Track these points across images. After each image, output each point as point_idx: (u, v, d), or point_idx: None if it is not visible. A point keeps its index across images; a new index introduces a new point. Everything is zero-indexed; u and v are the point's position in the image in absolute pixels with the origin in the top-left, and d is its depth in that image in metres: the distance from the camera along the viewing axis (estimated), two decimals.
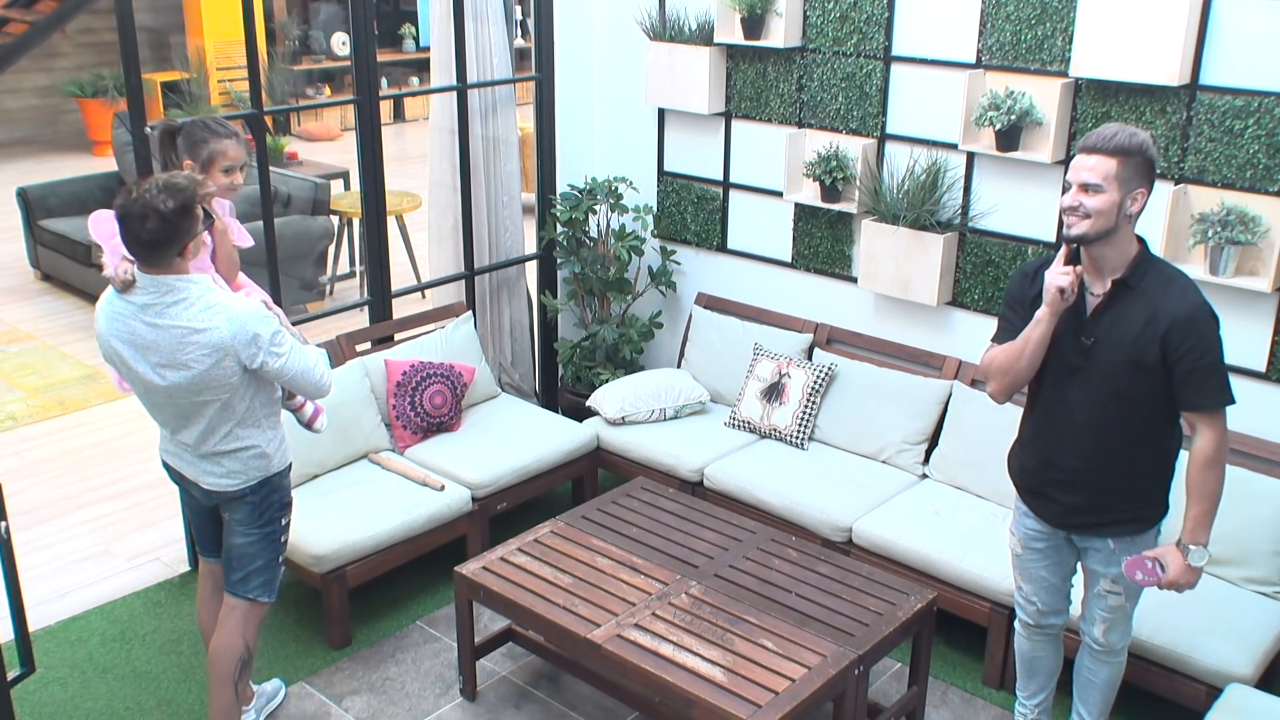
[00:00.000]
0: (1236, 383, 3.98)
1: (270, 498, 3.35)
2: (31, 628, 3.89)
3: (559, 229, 5.44)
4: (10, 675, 3.11)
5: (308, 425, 3.67)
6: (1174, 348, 2.93)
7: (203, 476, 3.28)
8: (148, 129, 3.51)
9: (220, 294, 3.09)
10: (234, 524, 3.36)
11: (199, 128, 3.38)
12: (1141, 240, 3.04)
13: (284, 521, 3.42)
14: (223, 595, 3.50)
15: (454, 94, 5.14)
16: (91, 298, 7.71)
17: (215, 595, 3.60)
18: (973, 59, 4.35)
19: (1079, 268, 3.05)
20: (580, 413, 5.32)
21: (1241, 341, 3.99)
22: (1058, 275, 3.02)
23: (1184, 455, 3.14)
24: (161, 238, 2.94)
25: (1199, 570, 3.07)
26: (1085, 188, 2.93)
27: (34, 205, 7.97)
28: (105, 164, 9.34)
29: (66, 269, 7.85)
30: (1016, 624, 3.55)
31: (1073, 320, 3.08)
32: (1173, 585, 3.07)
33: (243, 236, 3.57)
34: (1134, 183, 2.93)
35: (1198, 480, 3.02)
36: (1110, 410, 3.06)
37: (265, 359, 3.08)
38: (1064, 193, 3.00)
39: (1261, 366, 3.97)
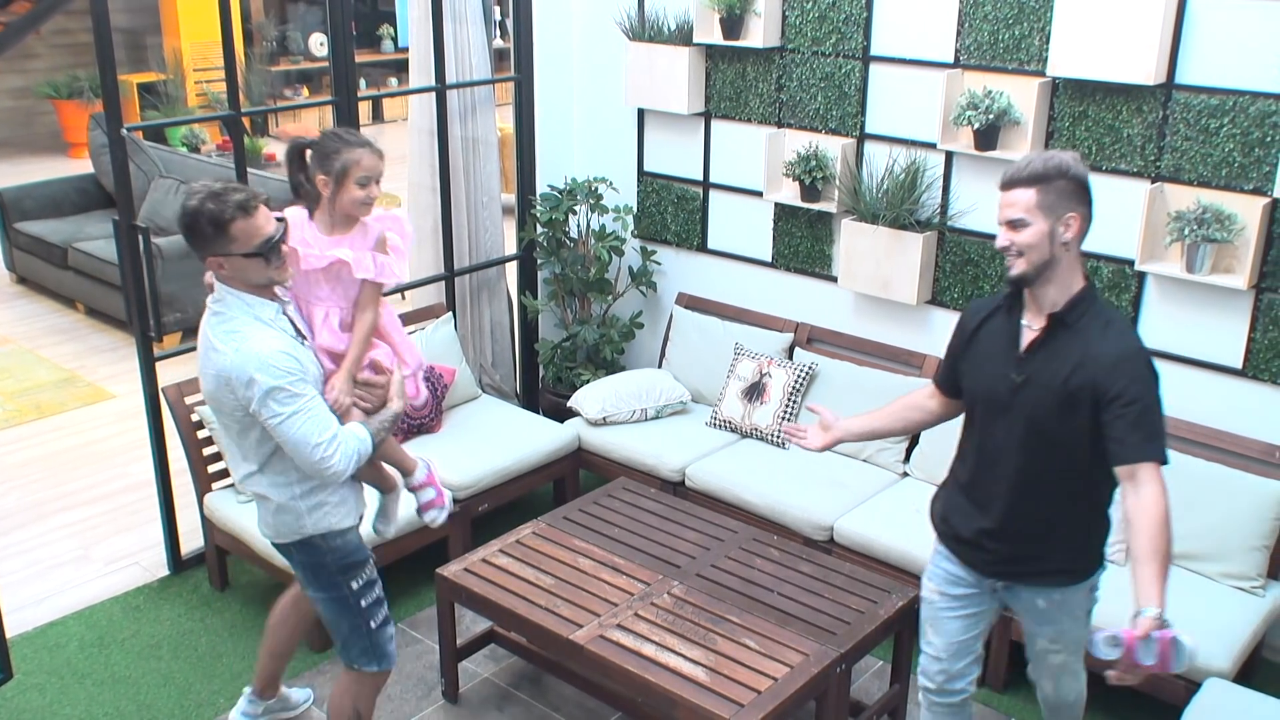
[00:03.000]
0: (1213, 379, 4.04)
1: (320, 560, 3.14)
2: (9, 633, 3.86)
3: (539, 230, 5.43)
4: None
5: (419, 511, 3.43)
6: (1104, 393, 2.71)
7: (257, 521, 3.21)
8: (288, 143, 3.29)
9: (253, 325, 2.91)
10: (300, 580, 3.28)
11: (329, 139, 3.16)
12: (1088, 278, 2.85)
13: (354, 585, 3.17)
14: (298, 597, 3.50)
15: (433, 95, 5.13)
16: (68, 301, 7.66)
17: (298, 602, 3.59)
18: (951, 59, 4.36)
19: (826, 440, 3.21)
20: (561, 413, 5.31)
21: (1218, 339, 4.02)
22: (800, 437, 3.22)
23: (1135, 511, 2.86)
24: (187, 238, 2.89)
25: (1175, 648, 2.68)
26: (1011, 224, 2.75)
27: (9, 208, 7.90)
28: (81, 166, 9.27)
29: (42, 272, 7.79)
30: (920, 694, 3.26)
31: (1006, 355, 2.88)
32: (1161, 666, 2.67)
33: (382, 270, 3.20)
34: (1060, 208, 2.73)
35: (1150, 539, 2.64)
36: (1039, 453, 2.84)
37: (259, 408, 2.87)
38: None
39: (1238, 363, 4.00)
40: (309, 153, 3.17)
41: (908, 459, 4.60)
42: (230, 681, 4.04)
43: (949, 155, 4.46)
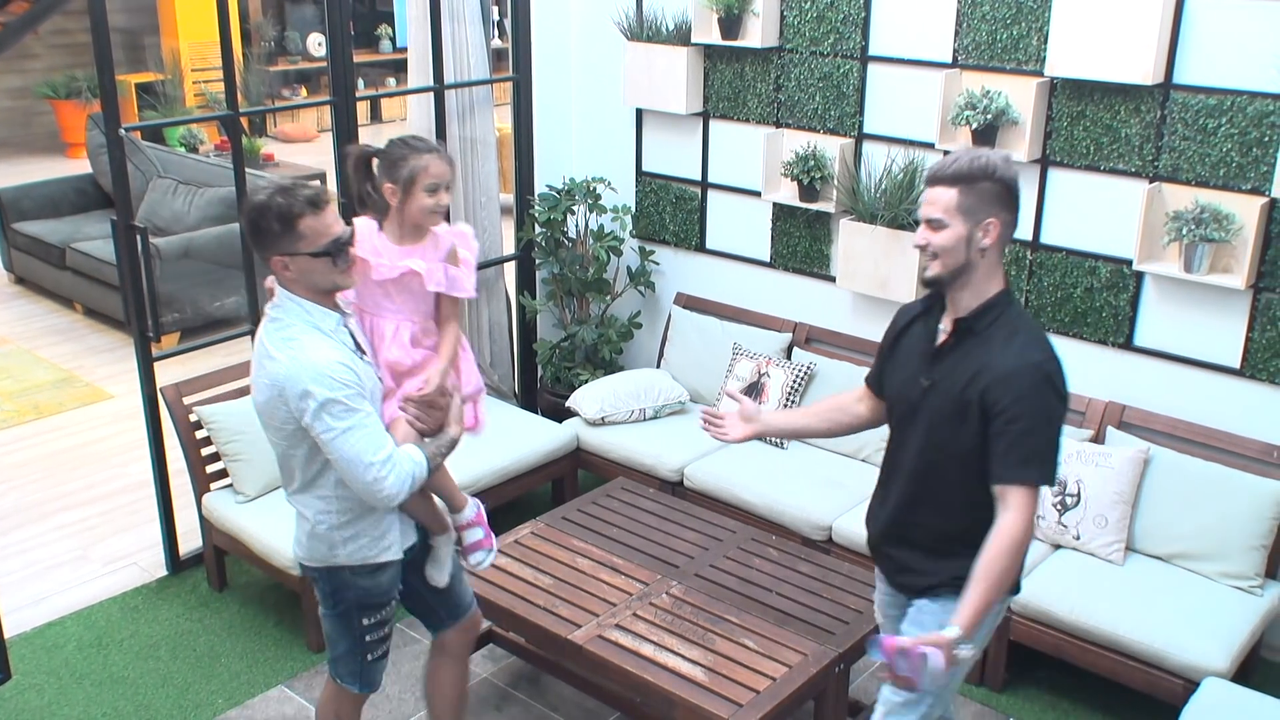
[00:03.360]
0: (1211, 379, 4.05)
1: (342, 594, 3.00)
2: (7, 634, 3.86)
3: (537, 230, 5.43)
4: None
5: (463, 551, 3.23)
6: (990, 405, 2.57)
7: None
8: (346, 151, 3.19)
9: (312, 335, 2.75)
10: (318, 597, 3.12)
11: (396, 146, 3.02)
12: (1006, 283, 2.70)
13: (365, 621, 3.04)
14: (444, 659, 3.35)
15: (431, 95, 5.13)
16: (66, 301, 7.66)
17: (439, 657, 3.38)
18: (949, 59, 4.37)
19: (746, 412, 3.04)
20: (560, 413, 5.31)
21: (1216, 338, 4.03)
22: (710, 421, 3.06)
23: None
24: (248, 230, 2.77)
25: (958, 665, 2.56)
26: (930, 223, 2.62)
27: (7, 208, 7.90)
28: (80, 166, 9.26)
29: (40, 272, 7.78)
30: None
31: (921, 358, 2.77)
32: (935, 680, 2.56)
33: (454, 283, 3.08)
34: (981, 212, 2.58)
35: (988, 561, 2.55)
36: (935, 461, 2.72)
37: (312, 422, 2.70)
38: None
39: (1236, 363, 4.01)
40: (375, 161, 3.06)
41: None
42: (229, 681, 4.04)
43: (946, 155, 4.46)
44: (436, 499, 3.17)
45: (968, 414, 2.61)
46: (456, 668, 3.37)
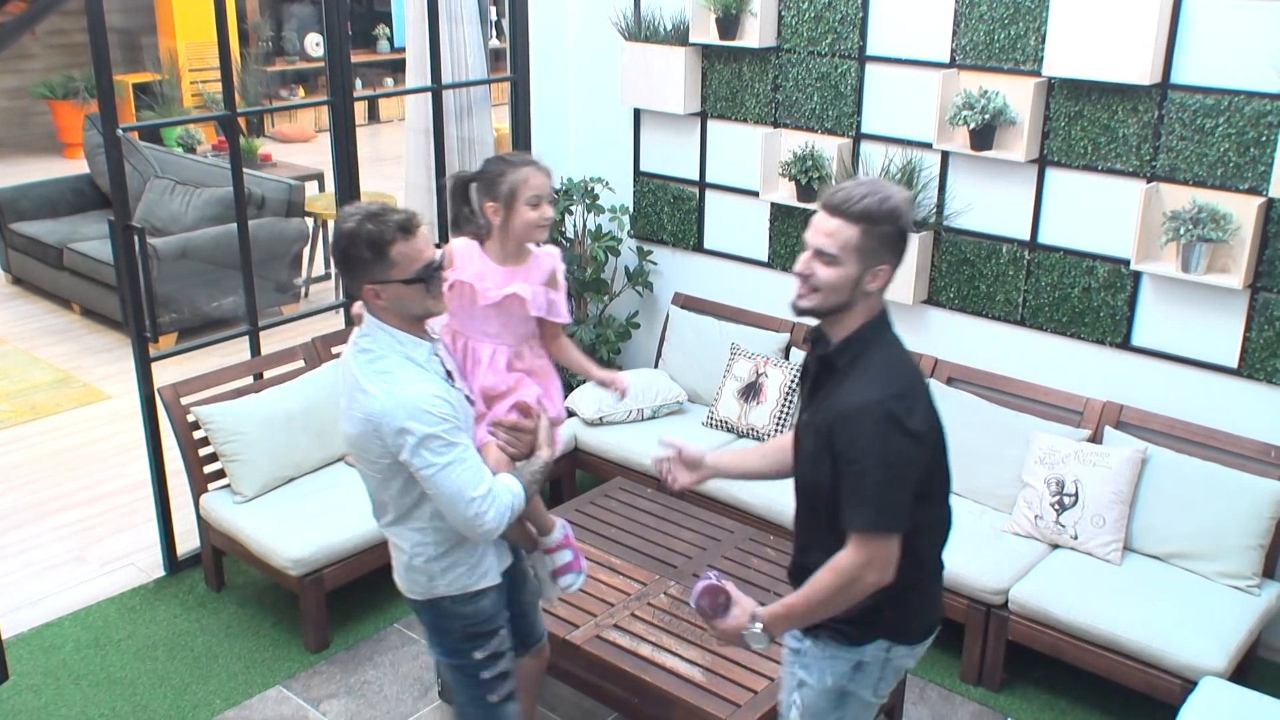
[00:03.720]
0: (1209, 379, 4.05)
1: (446, 625, 2.91)
2: (5, 635, 3.86)
3: None
4: None
5: (553, 574, 3.13)
6: (833, 446, 2.42)
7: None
8: (446, 180, 3.12)
9: (406, 367, 2.66)
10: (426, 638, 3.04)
11: (492, 164, 2.94)
12: (879, 313, 2.54)
13: (476, 655, 2.91)
14: (526, 692, 3.24)
15: (429, 95, 5.13)
16: (64, 301, 7.65)
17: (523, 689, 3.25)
18: (946, 59, 4.37)
19: (669, 456, 2.85)
20: None
21: (1213, 338, 4.03)
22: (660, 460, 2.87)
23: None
24: (338, 259, 2.67)
25: (741, 640, 2.55)
26: (820, 254, 2.44)
27: (5, 209, 7.88)
28: (77, 166, 9.26)
29: (38, 273, 7.77)
30: None
31: (804, 392, 2.64)
32: (720, 632, 2.57)
33: (555, 308, 3.01)
34: (877, 257, 2.43)
35: (814, 580, 2.46)
36: (811, 502, 2.58)
37: (410, 458, 2.62)
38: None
39: (1233, 363, 4.01)
40: (473, 185, 2.98)
41: None
42: (226, 682, 4.04)
43: (945, 155, 4.47)
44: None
45: (824, 454, 2.47)
46: (524, 698, 3.24)
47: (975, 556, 3.97)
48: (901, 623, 2.59)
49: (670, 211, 5.37)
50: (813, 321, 2.57)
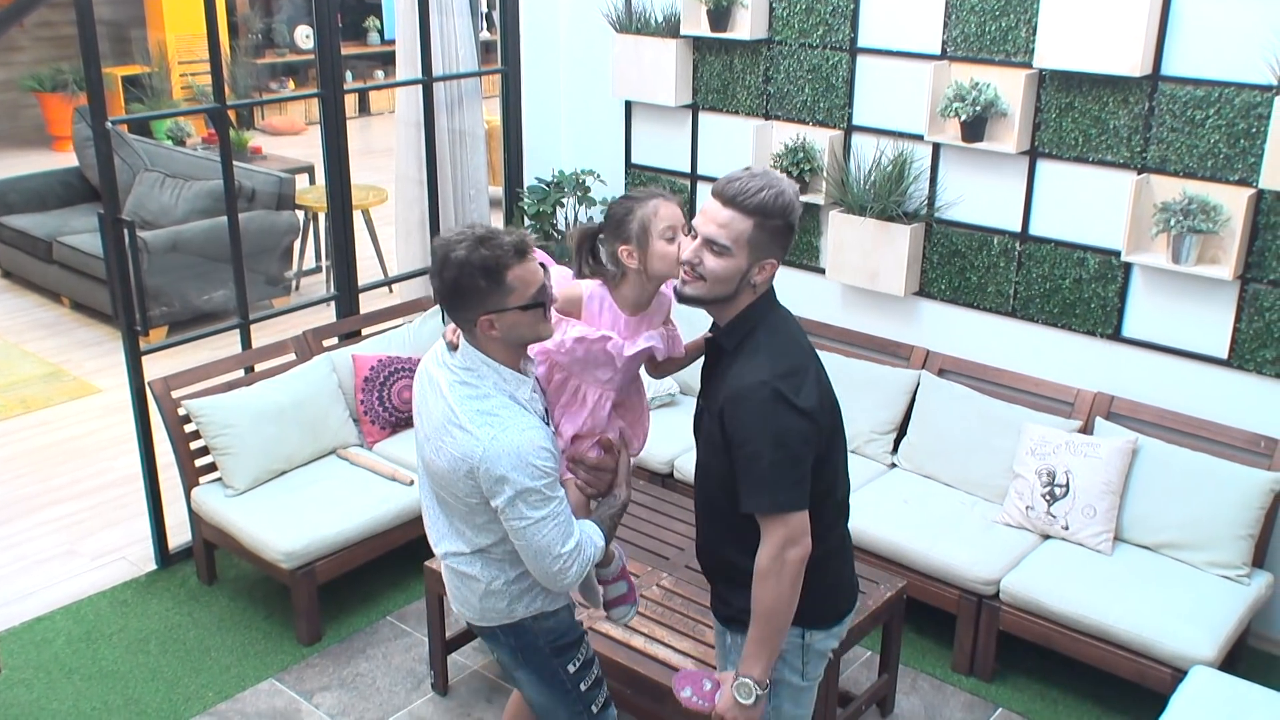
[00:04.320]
0: (1199, 369, 4.06)
1: (530, 642, 2.77)
2: None
3: (526, 222, 5.43)
4: None
5: (605, 605, 2.98)
6: (725, 428, 2.41)
7: (448, 588, 2.81)
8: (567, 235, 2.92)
9: (511, 409, 2.50)
10: (504, 665, 2.89)
11: (617, 205, 2.69)
12: (768, 291, 2.52)
13: (570, 668, 2.80)
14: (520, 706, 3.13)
15: (419, 87, 5.12)
16: (53, 295, 7.63)
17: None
18: (938, 50, 4.37)
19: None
20: None
21: (1204, 329, 4.04)
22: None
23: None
24: (448, 290, 2.45)
25: (750, 709, 2.51)
26: (710, 244, 2.41)
27: None
28: (66, 159, 9.22)
29: (27, 266, 7.74)
30: None
31: (704, 372, 2.61)
32: (721, 714, 2.56)
33: (674, 344, 2.81)
34: (766, 250, 2.41)
35: (753, 598, 2.45)
36: (710, 488, 2.57)
37: (505, 507, 2.48)
38: (689, 234, 2.51)
39: (1223, 354, 4.02)
40: (600, 236, 2.76)
41: (895, 450, 4.61)
42: (219, 675, 4.04)
43: (936, 147, 4.47)
44: None
45: (718, 438, 2.45)
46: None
47: (966, 547, 3.98)
48: (810, 610, 2.55)
49: None
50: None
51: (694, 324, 2.84)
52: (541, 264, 2.53)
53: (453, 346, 2.59)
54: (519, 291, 2.44)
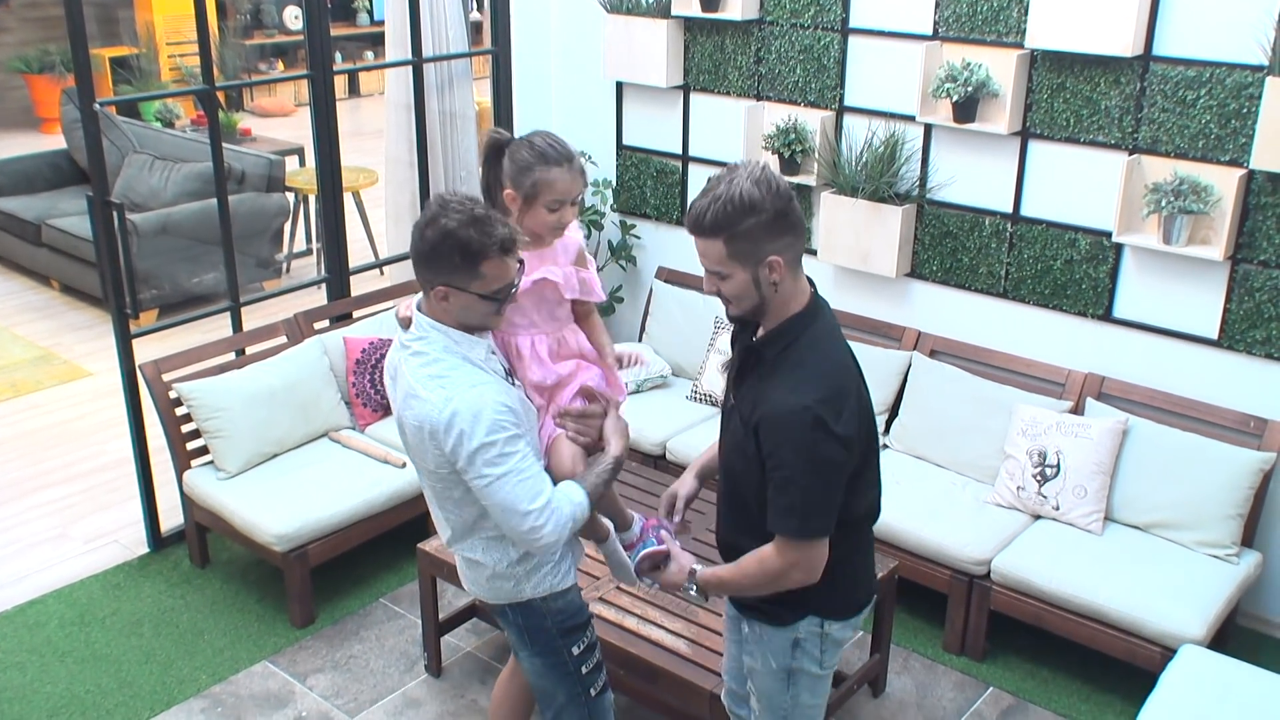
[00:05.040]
0: (1189, 350, 4.08)
1: (538, 623, 2.78)
2: None
3: None
4: None
5: (636, 571, 2.85)
6: (761, 445, 2.40)
7: (459, 571, 2.85)
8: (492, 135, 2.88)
9: (463, 369, 2.52)
10: (512, 643, 2.91)
11: (525, 148, 2.74)
12: (811, 297, 2.47)
13: (574, 650, 2.81)
14: (518, 679, 3.14)
15: (409, 69, 5.09)
16: (43, 278, 7.59)
17: (514, 675, 3.21)
18: (929, 31, 4.36)
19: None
20: None
21: (1194, 310, 4.05)
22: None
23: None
24: (425, 248, 2.47)
25: (679, 589, 2.66)
26: (711, 274, 2.43)
27: None
28: (54, 141, 9.16)
29: (16, 249, 7.70)
30: None
31: (732, 372, 2.59)
32: (665, 582, 2.70)
33: (590, 288, 2.87)
34: (758, 251, 2.35)
35: (748, 564, 2.50)
36: (736, 486, 2.57)
37: (465, 467, 2.49)
38: None
39: (1214, 334, 4.03)
40: (505, 156, 2.78)
41: (887, 431, 4.62)
42: (212, 658, 4.04)
43: (928, 128, 4.46)
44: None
45: (750, 448, 2.44)
46: (526, 692, 3.17)
47: (958, 527, 4.00)
48: (830, 601, 2.59)
49: (653, 185, 5.36)
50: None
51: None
52: (520, 260, 2.57)
53: (406, 323, 2.63)
54: (486, 281, 2.48)
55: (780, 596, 2.54)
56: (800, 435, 2.33)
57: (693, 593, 2.65)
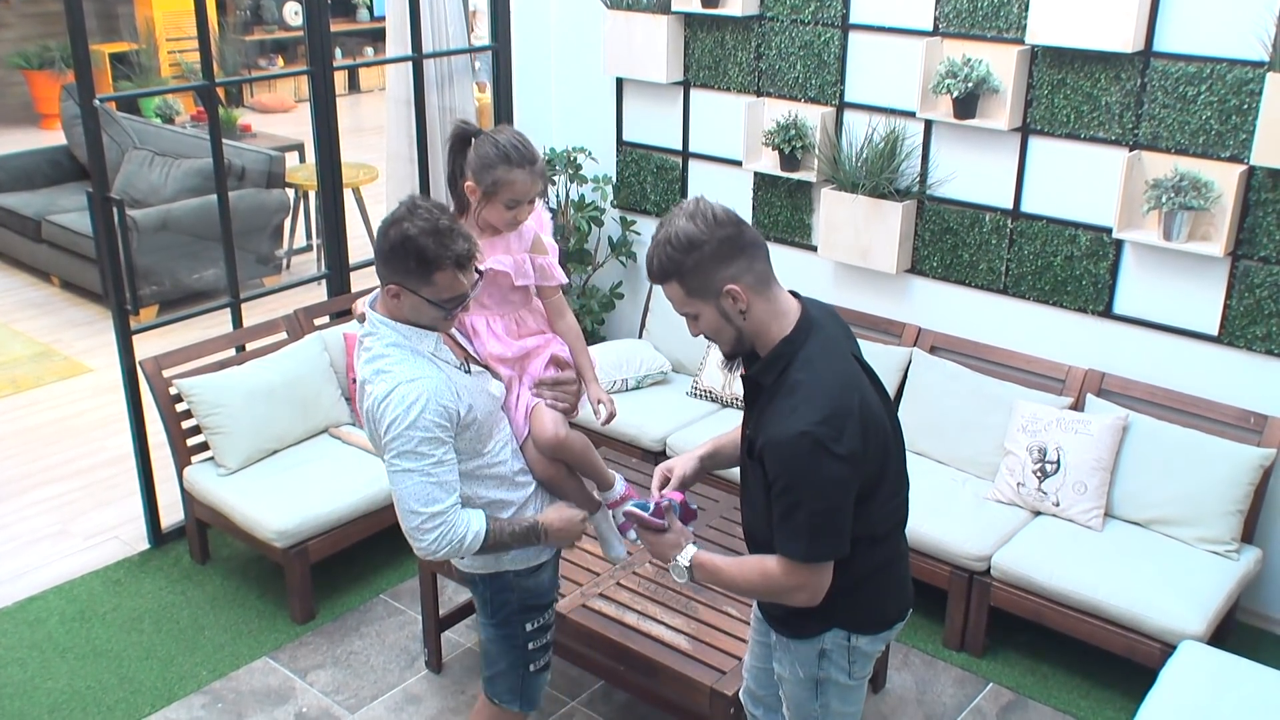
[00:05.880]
0: (1190, 346, 4.08)
1: (503, 595, 2.90)
2: None
3: None
4: None
5: (620, 529, 3.03)
6: (767, 470, 2.39)
7: None
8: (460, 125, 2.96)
9: (407, 360, 2.58)
10: (476, 608, 3.03)
11: (490, 145, 2.82)
12: (801, 316, 2.43)
13: (528, 626, 2.94)
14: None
15: (409, 64, 5.09)
16: (43, 274, 7.59)
17: None
18: (930, 27, 4.35)
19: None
20: None
21: (1194, 306, 4.05)
22: None
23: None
24: (384, 247, 2.55)
25: (667, 561, 2.62)
26: (685, 316, 2.45)
27: None
28: (54, 137, 9.16)
29: (16, 245, 7.70)
30: None
31: (745, 400, 2.58)
32: (651, 545, 2.64)
33: (546, 274, 2.96)
34: (713, 284, 2.34)
35: (750, 568, 2.49)
36: (755, 510, 2.56)
37: (384, 447, 2.57)
38: None
39: (1214, 330, 4.03)
40: (471, 147, 2.87)
41: None
42: (213, 654, 4.04)
43: (928, 124, 4.46)
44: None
45: (760, 474, 2.43)
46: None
47: (958, 524, 4.00)
48: (855, 616, 2.56)
49: (653, 181, 5.36)
50: None
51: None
52: (480, 271, 2.65)
53: (361, 318, 2.69)
54: (437, 289, 2.54)
55: (803, 610, 2.50)
56: (800, 460, 2.30)
57: (683, 565, 2.56)
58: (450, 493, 2.61)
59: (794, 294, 2.49)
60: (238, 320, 4.74)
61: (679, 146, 5.23)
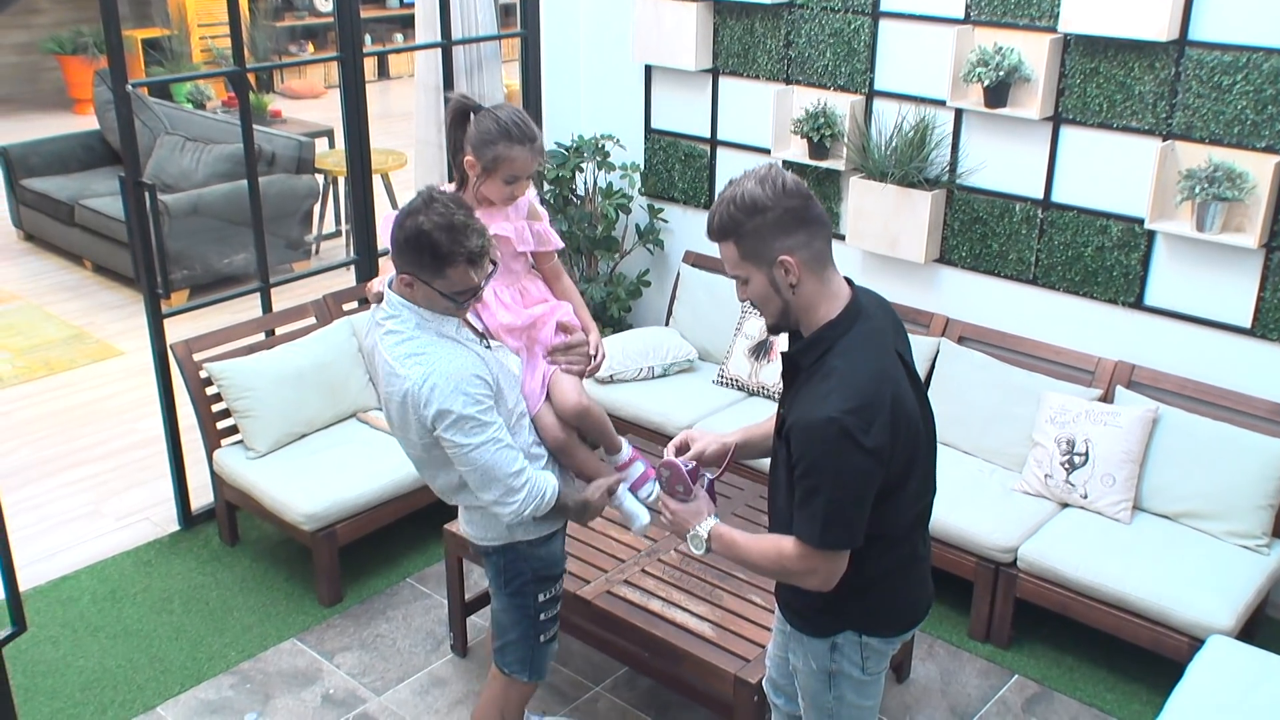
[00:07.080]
0: (1222, 338, 4.04)
1: (517, 566, 2.98)
2: (22, 587, 3.89)
3: (546, 187, 5.42)
4: (1, 634, 3.13)
5: (631, 489, 3.12)
6: (791, 453, 2.37)
7: (459, 515, 3.07)
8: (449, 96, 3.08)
9: (437, 343, 2.65)
10: (489, 579, 3.10)
11: (491, 121, 2.90)
12: (851, 300, 2.40)
13: (540, 598, 3.02)
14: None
15: (439, 51, 5.10)
16: (76, 258, 7.67)
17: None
18: (961, 14, 4.32)
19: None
20: None
21: (1227, 298, 4.01)
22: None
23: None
24: (400, 239, 2.60)
25: (681, 534, 2.62)
26: (734, 279, 2.43)
27: (15, 164, 7.88)
28: (87, 122, 9.23)
29: (49, 229, 7.78)
30: None
31: (783, 378, 2.54)
32: (671, 513, 2.63)
33: (544, 239, 3.07)
34: (769, 252, 2.32)
35: (766, 549, 2.47)
36: (779, 488, 2.54)
37: (445, 437, 2.65)
38: None
39: (1247, 323, 3.99)
40: (471, 122, 2.94)
41: None
42: (241, 635, 4.09)
43: (958, 112, 4.43)
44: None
45: (783, 452, 2.44)
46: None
47: (985, 515, 3.99)
48: (868, 618, 2.55)
49: (681, 169, 5.35)
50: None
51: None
52: (494, 262, 2.70)
53: (378, 298, 2.75)
54: (449, 283, 2.61)
55: (817, 607, 2.52)
56: (826, 446, 2.28)
57: (702, 536, 2.56)
58: (519, 452, 2.75)
59: (849, 281, 2.47)
60: (267, 305, 4.78)
61: (707, 134, 5.22)
